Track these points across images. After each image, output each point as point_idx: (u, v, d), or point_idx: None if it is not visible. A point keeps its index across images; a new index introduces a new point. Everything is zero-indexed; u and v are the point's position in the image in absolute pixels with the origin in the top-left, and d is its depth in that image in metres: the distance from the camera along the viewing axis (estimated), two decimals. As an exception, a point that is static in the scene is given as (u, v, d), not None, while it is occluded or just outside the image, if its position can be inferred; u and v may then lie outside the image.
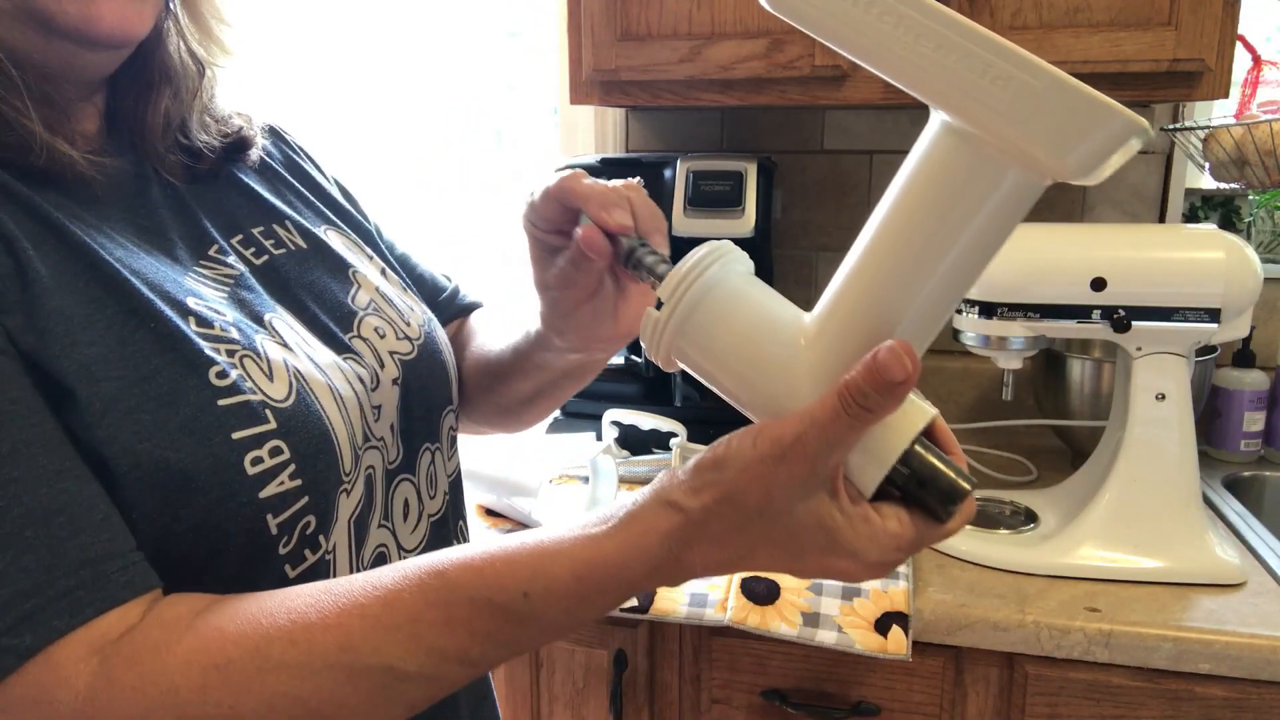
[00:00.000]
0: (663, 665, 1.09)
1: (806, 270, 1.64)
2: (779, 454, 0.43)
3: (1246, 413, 1.41)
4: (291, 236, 0.64)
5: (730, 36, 1.22)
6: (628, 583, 0.46)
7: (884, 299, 0.44)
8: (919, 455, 0.45)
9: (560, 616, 0.46)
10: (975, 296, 1.05)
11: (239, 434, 0.49)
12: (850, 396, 0.42)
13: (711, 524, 0.45)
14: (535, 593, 0.45)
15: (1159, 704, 0.95)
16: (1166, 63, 1.11)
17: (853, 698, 1.03)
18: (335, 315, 0.62)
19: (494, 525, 1.16)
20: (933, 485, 0.45)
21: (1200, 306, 1.00)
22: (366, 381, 0.60)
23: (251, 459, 0.49)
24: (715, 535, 0.45)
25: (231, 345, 0.52)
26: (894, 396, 0.42)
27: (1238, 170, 1.26)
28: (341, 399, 0.56)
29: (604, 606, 0.47)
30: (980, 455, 1.40)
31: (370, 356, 0.62)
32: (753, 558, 0.46)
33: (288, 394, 0.52)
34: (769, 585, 1.00)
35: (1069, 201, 1.53)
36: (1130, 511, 1.04)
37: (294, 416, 0.52)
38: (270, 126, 0.72)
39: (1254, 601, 0.98)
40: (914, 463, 0.45)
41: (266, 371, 0.52)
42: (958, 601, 0.98)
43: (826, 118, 1.59)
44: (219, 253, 0.58)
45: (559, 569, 0.46)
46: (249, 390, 0.50)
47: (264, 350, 0.53)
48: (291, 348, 0.56)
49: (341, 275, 0.65)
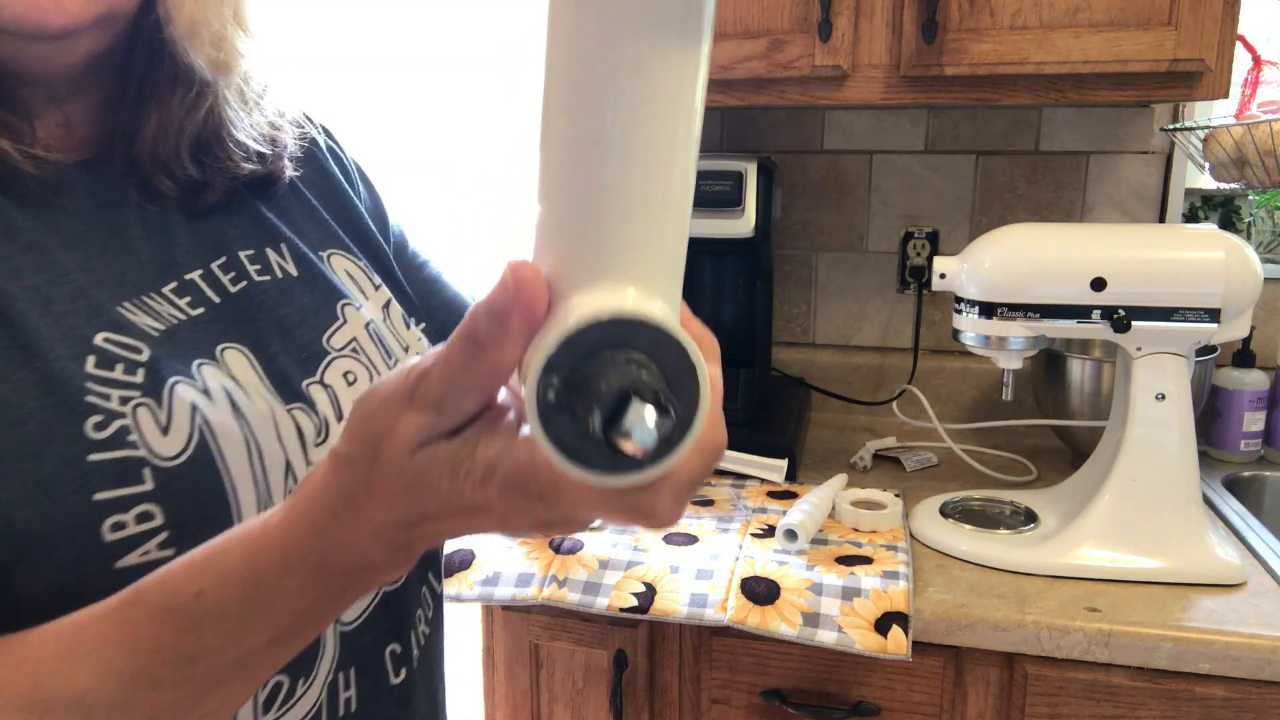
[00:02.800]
0: (663, 665, 1.09)
1: (806, 270, 1.64)
2: (407, 390, 0.36)
3: (1246, 413, 1.41)
4: (283, 262, 0.58)
5: (730, 36, 1.22)
6: (301, 557, 0.38)
7: (560, 195, 0.35)
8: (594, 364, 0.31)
9: (243, 610, 0.39)
10: (975, 296, 1.05)
11: (103, 495, 0.44)
12: (469, 324, 0.34)
13: (359, 465, 0.37)
14: (209, 589, 0.39)
15: (1159, 704, 0.95)
16: (1166, 63, 1.11)
17: (853, 698, 1.03)
18: (300, 356, 0.55)
19: (494, 525, 1.16)
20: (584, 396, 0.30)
21: (1200, 306, 1.00)
22: (310, 436, 0.53)
23: (112, 524, 0.44)
24: (366, 483, 0.37)
25: (128, 391, 0.46)
26: (503, 328, 0.33)
27: (1238, 170, 1.26)
28: (261, 456, 0.50)
29: (299, 594, 0.39)
30: (980, 455, 1.40)
31: (327, 406, 0.55)
32: (425, 519, 0.37)
33: (182, 449, 0.47)
34: (769, 585, 1.00)
35: (1069, 201, 1.53)
36: (1130, 511, 1.04)
37: (181, 477, 0.46)
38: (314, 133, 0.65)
39: (1254, 601, 0.98)
40: (580, 378, 0.31)
41: (162, 423, 0.46)
42: (958, 601, 0.98)
43: (826, 118, 1.59)
44: (176, 289, 0.52)
45: (230, 557, 0.40)
46: (129, 445, 0.45)
47: (170, 397, 0.47)
48: (213, 395, 0.49)
49: (327, 309, 0.58)
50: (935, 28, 1.15)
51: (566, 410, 0.31)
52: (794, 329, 1.67)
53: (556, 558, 1.07)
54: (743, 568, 1.04)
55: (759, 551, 1.07)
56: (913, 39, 1.16)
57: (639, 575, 1.03)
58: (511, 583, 1.05)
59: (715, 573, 1.03)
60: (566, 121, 0.34)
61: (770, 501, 1.24)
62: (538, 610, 1.11)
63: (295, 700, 0.52)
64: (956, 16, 1.15)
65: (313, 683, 0.53)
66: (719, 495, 1.26)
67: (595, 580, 1.03)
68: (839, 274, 1.64)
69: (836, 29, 1.18)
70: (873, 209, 1.60)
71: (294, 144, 0.62)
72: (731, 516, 1.18)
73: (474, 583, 1.05)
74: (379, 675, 0.58)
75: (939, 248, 1.58)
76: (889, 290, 1.62)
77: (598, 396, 0.30)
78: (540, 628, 1.12)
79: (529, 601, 1.03)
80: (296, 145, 0.62)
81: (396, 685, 0.59)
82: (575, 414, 0.31)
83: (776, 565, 1.04)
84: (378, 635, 0.58)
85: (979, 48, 1.15)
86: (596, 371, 0.30)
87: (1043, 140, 1.52)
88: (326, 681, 0.54)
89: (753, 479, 1.32)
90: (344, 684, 0.56)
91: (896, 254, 1.60)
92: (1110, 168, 1.50)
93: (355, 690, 0.56)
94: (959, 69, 1.15)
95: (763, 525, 1.15)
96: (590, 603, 1.02)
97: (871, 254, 1.62)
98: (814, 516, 1.11)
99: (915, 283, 1.59)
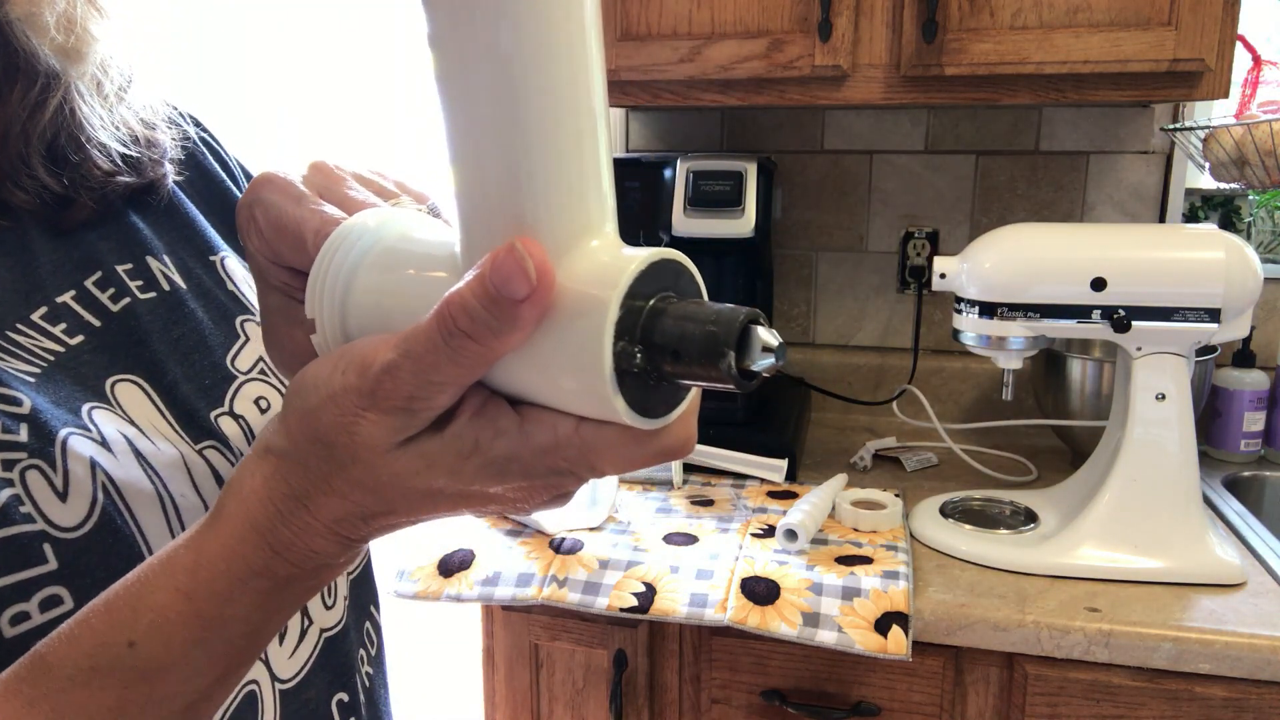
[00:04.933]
0: (663, 665, 1.09)
1: (806, 270, 1.64)
2: (368, 389, 0.32)
3: (1246, 413, 1.41)
4: (168, 273, 0.50)
5: (730, 36, 1.22)
6: (250, 572, 0.35)
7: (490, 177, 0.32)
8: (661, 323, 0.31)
9: (190, 650, 0.35)
10: (975, 296, 1.05)
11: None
12: (451, 317, 0.31)
13: (311, 463, 0.34)
14: (141, 637, 0.34)
15: (1159, 704, 0.95)
16: (1166, 63, 1.11)
17: (853, 698, 1.03)
18: (202, 383, 0.48)
19: (494, 525, 1.16)
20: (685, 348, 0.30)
21: (1200, 306, 1.00)
22: (228, 478, 0.45)
23: (12, 616, 0.37)
24: (323, 478, 0.34)
25: (13, 454, 0.39)
26: (513, 320, 0.30)
27: (1238, 170, 1.26)
28: (178, 512, 0.43)
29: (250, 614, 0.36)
30: (980, 455, 1.40)
31: (241, 441, 0.48)
32: (392, 513, 0.35)
33: (85, 517, 0.40)
34: (769, 585, 1.00)
35: (1069, 201, 1.53)
36: (1130, 511, 1.04)
37: (90, 549, 0.39)
38: (187, 127, 0.57)
39: (1254, 601, 0.98)
40: (655, 333, 0.31)
41: (59, 488, 0.39)
42: (958, 601, 0.98)
43: (826, 118, 1.59)
44: (46, 315, 0.44)
45: (161, 595, 0.35)
46: (22, 518, 0.38)
47: (65, 455, 0.40)
48: (112, 445, 0.42)
49: (225, 326, 0.51)
50: (935, 28, 1.15)
51: (638, 373, 0.31)
52: (794, 329, 1.67)
53: (556, 558, 1.07)
54: (743, 568, 1.04)
55: (759, 551, 1.07)
56: (913, 39, 1.16)
57: (639, 575, 1.03)
58: (511, 583, 1.05)
59: (715, 573, 1.03)
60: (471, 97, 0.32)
61: (770, 501, 1.24)
62: (538, 610, 1.11)
63: None
64: (956, 16, 1.15)
65: None
66: (719, 495, 1.26)
67: (595, 580, 1.03)
68: (839, 274, 1.64)
69: (836, 29, 1.18)
70: (873, 209, 1.60)
71: (173, 146, 0.53)
72: (731, 516, 1.18)
73: (474, 583, 1.05)
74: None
75: (939, 248, 1.58)
76: (889, 290, 1.62)
77: (698, 345, 0.30)
78: (540, 628, 1.12)
79: (529, 601, 1.03)
80: (177, 146, 0.54)
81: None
82: (650, 370, 0.31)
83: (776, 565, 1.04)
84: (321, 688, 0.53)
85: (979, 48, 1.15)
86: (673, 321, 0.31)
87: (1043, 140, 1.52)
88: None
89: (753, 479, 1.32)
90: None
91: (896, 254, 1.60)
92: (1110, 168, 1.50)
93: None
94: (959, 69, 1.15)
95: (763, 525, 1.15)
96: (590, 603, 1.02)
97: (871, 254, 1.62)
98: (814, 516, 1.11)
99: (915, 283, 1.59)
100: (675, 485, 1.29)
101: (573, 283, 0.31)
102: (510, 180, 0.32)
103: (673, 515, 1.19)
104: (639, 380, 0.31)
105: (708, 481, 1.31)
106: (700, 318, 0.30)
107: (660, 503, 1.23)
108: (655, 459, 0.33)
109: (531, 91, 0.31)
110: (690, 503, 1.23)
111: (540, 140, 0.31)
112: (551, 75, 0.31)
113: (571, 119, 0.32)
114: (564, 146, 0.32)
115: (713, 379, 0.30)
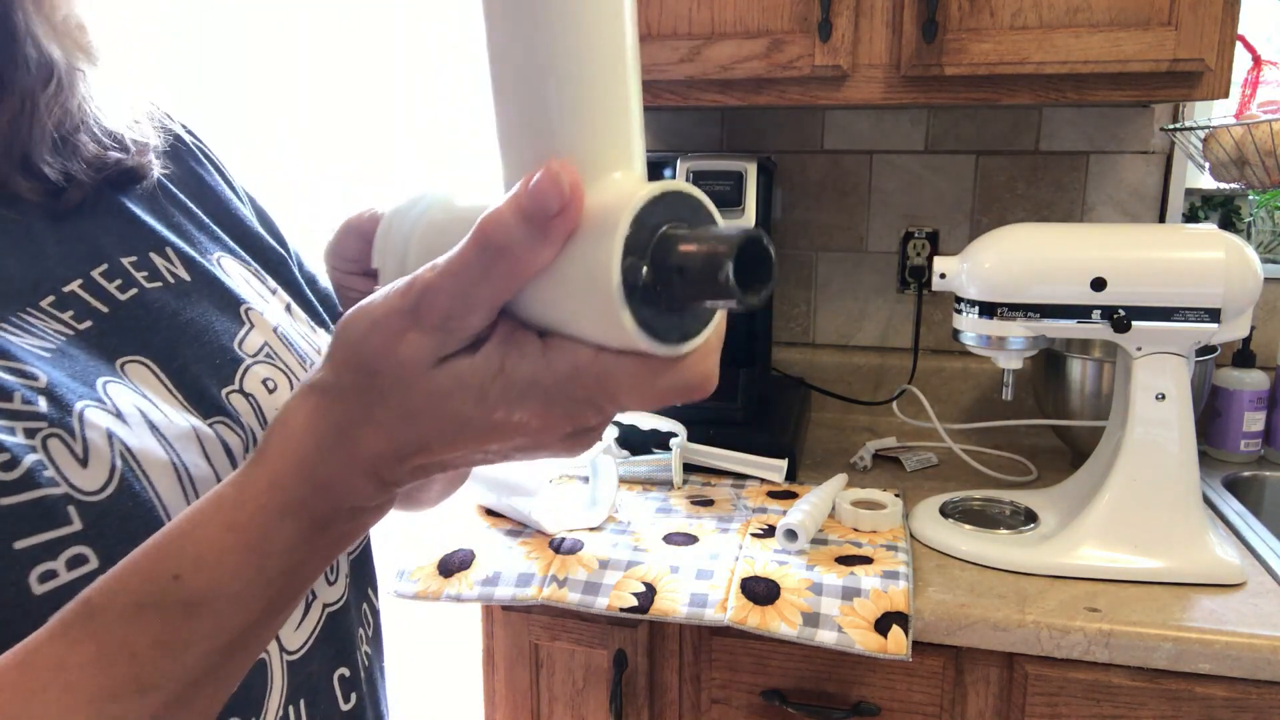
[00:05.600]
0: (663, 665, 1.09)
1: (806, 270, 1.64)
2: (409, 307, 0.34)
3: (1246, 413, 1.41)
4: (171, 267, 0.52)
5: (730, 36, 1.22)
6: (291, 507, 0.37)
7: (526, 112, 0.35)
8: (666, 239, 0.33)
9: (234, 583, 0.37)
10: (975, 296, 1.05)
11: (24, 542, 0.39)
12: (486, 234, 0.32)
13: (352, 395, 0.36)
14: (187, 570, 0.36)
15: (1159, 704, 0.95)
16: (1166, 63, 1.11)
17: (853, 698, 1.03)
18: (212, 365, 0.50)
19: (494, 525, 1.16)
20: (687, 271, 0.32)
21: (1200, 306, 1.00)
22: (237, 452, 0.49)
23: (40, 574, 0.39)
24: (365, 410, 0.36)
25: (34, 423, 0.41)
26: (544, 233, 0.32)
27: (1238, 170, 1.26)
28: (191, 481, 0.45)
29: (291, 548, 0.37)
30: (980, 455, 1.40)
31: (251, 417, 0.51)
32: (425, 449, 0.36)
33: (106, 482, 0.42)
34: (769, 585, 1.00)
35: (1069, 201, 1.53)
36: (1130, 511, 1.04)
37: (111, 512, 0.41)
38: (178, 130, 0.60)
39: (1254, 601, 0.98)
40: (663, 251, 0.33)
41: (79, 454, 0.41)
42: (958, 601, 0.98)
43: (826, 118, 1.59)
44: (54, 303, 0.46)
45: (207, 529, 0.37)
46: (47, 482, 0.40)
47: (82, 425, 0.42)
48: (126, 418, 0.44)
49: (230, 313, 0.53)
50: (935, 28, 1.15)
51: (646, 290, 0.32)
52: (794, 329, 1.67)
53: (556, 558, 1.07)
54: (743, 568, 1.04)
55: (759, 551, 1.07)
56: (913, 39, 1.16)
57: (639, 575, 1.03)
58: (511, 583, 1.05)
59: (715, 573, 1.03)
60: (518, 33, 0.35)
61: (770, 501, 1.24)
62: (538, 610, 1.11)
63: None
64: (956, 16, 1.15)
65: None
66: (719, 495, 1.26)
67: (595, 580, 1.03)
68: (839, 274, 1.64)
69: (836, 29, 1.18)
70: (873, 209, 1.60)
71: (158, 138, 0.55)
72: (731, 516, 1.18)
73: (474, 583, 1.05)
74: (329, 704, 0.55)
75: (939, 248, 1.58)
76: (889, 290, 1.62)
77: (700, 260, 0.31)
78: (540, 628, 1.12)
79: (529, 601, 1.03)
80: (162, 140, 0.56)
81: (348, 711, 0.56)
82: (659, 290, 0.32)
83: (776, 565, 1.04)
84: (324, 661, 0.54)
85: (979, 48, 1.15)
86: (680, 242, 0.32)
87: (1043, 140, 1.52)
88: (277, 717, 0.50)
89: (753, 479, 1.32)
90: (295, 718, 0.52)
91: (896, 254, 1.60)
92: (1110, 168, 1.50)
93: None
94: (959, 69, 1.15)
95: (763, 525, 1.15)
96: (590, 603, 1.02)
97: (871, 254, 1.62)
98: (814, 516, 1.11)
99: (915, 283, 1.59)
100: (675, 485, 1.29)
101: (592, 208, 0.34)
102: (545, 114, 0.35)
103: (673, 515, 1.19)
104: (650, 303, 0.33)
105: (708, 481, 1.31)
106: (705, 237, 0.32)
107: (660, 503, 1.23)
108: (674, 394, 0.34)
109: (568, 30, 0.34)
110: (690, 503, 1.23)
111: (575, 77, 0.35)
112: (587, 18, 0.34)
113: (604, 60, 0.35)
114: (596, 84, 0.35)
115: (715, 294, 0.32)
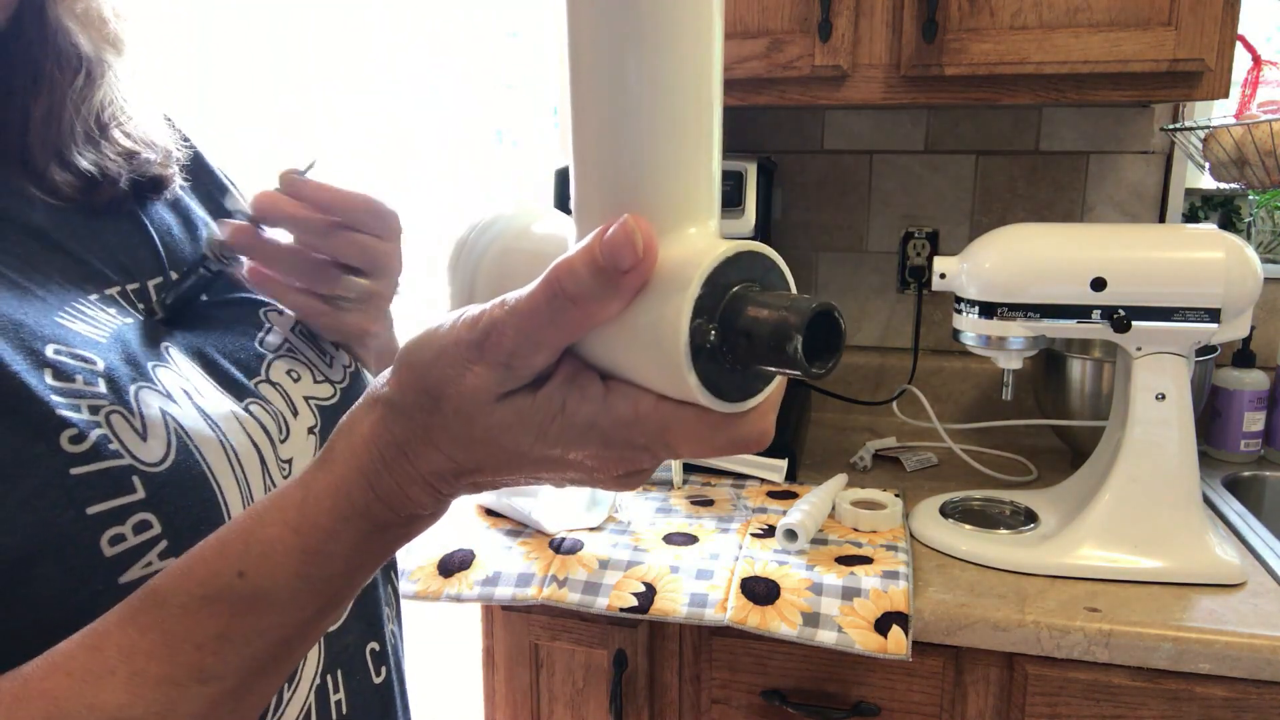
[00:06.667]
0: (663, 665, 1.09)
1: (806, 270, 1.64)
2: (476, 340, 0.35)
3: (1246, 413, 1.41)
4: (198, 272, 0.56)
5: (730, 36, 1.22)
6: (353, 512, 0.38)
7: (607, 162, 0.35)
8: (737, 300, 0.33)
9: (295, 582, 0.38)
10: (975, 296, 1.05)
11: (96, 508, 0.42)
12: (558, 281, 0.33)
13: (415, 415, 0.37)
14: (251, 567, 0.38)
15: (1159, 704, 0.95)
16: (1166, 63, 1.11)
17: (853, 698, 1.03)
18: (239, 358, 0.54)
19: (494, 525, 1.16)
20: (754, 338, 0.32)
21: (1200, 306, 1.00)
22: (273, 432, 0.52)
23: (110, 537, 0.42)
24: (425, 431, 0.37)
25: (96, 400, 0.44)
26: (615, 288, 0.33)
27: (1238, 170, 1.26)
28: (237, 455, 0.49)
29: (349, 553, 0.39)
30: (980, 455, 1.40)
31: (280, 402, 0.54)
32: (480, 471, 0.38)
33: (165, 455, 0.45)
34: (769, 585, 1.00)
35: (1069, 201, 1.53)
36: (1130, 511, 1.04)
37: (170, 482, 0.45)
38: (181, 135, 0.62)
39: (1254, 601, 0.98)
40: (732, 315, 0.33)
41: (139, 429, 0.44)
42: (958, 601, 0.98)
43: (826, 118, 1.59)
44: (101, 299, 0.50)
45: (272, 529, 0.39)
46: (113, 454, 0.43)
47: (139, 404, 0.45)
48: (175, 399, 0.48)
49: (252, 315, 0.57)
50: (935, 28, 1.15)
51: (713, 350, 0.33)
52: (794, 329, 1.67)
53: (556, 558, 1.07)
54: (743, 568, 1.04)
55: (759, 551, 1.07)
56: (913, 39, 1.16)
57: (639, 575, 1.03)
58: (511, 583, 1.05)
59: (715, 573, 1.03)
60: (601, 80, 0.34)
61: (770, 501, 1.24)
62: (538, 610, 1.11)
63: (282, 708, 0.51)
64: (956, 16, 1.15)
65: (297, 687, 0.52)
66: (719, 495, 1.26)
67: (595, 580, 1.03)
68: (839, 274, 1.64)
69: (836, 29, 1.18)
70: (873, 209, 1.60)
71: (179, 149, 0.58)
72: (731, 516, 1.18)
73: (474, 583, 1.05)
74: (363, 676, 0.57)
75: (939, 248, 1.58)
76: (889, 290, 1.62)
77: (769, 328, 0.32)
78: (540, 628, 1.12)
79: (529, 601, 1.03)
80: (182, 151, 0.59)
81: (379, 685, 0.59)
82: (725, 351, 0.33)
83: (776, 565, 1.04)
84: (357, 634, 0.57)
85: (979, 48, 1.15)
86: (750, 306, 0.32)
87: (1043, 140, 1.52)
88: (314, 685, 0.53)
89: (753, 479, 1.32)
90: (332, 687, 0.55)
91: (896, 254, 1.60)
92: (1110, 168, 1.50)
93: (345, 693, 0.55)
94: (959, 69, 1.15)
95: (763, 525, 1.15)
96: (590, 603, 1.02)
97: (871, 254, 1.62)
98: (814, 516, 1.11)
99: (915, 283, 1.59)
100: (675, 485, 1.29)
101: (665, 262, 0.33)
102: (629, 166, 0.34)
103: (673, 515, 1.19)
104: (716, 362, 0.33)
105: (708, 481, 1.31)
106: (775, 304, 0.32)
107: (660, 503, 1.23)
108: (730, 447, 0.35)
109: (660, 86, 0.33)
110: (690, 503, 1.23)
111: (661, 131, 0.34)
112: (679, 71, 0.34)
113: (692, 114, 0.34)
114: (683, 143, 0.34)
115: (782, 364, 0.32)
